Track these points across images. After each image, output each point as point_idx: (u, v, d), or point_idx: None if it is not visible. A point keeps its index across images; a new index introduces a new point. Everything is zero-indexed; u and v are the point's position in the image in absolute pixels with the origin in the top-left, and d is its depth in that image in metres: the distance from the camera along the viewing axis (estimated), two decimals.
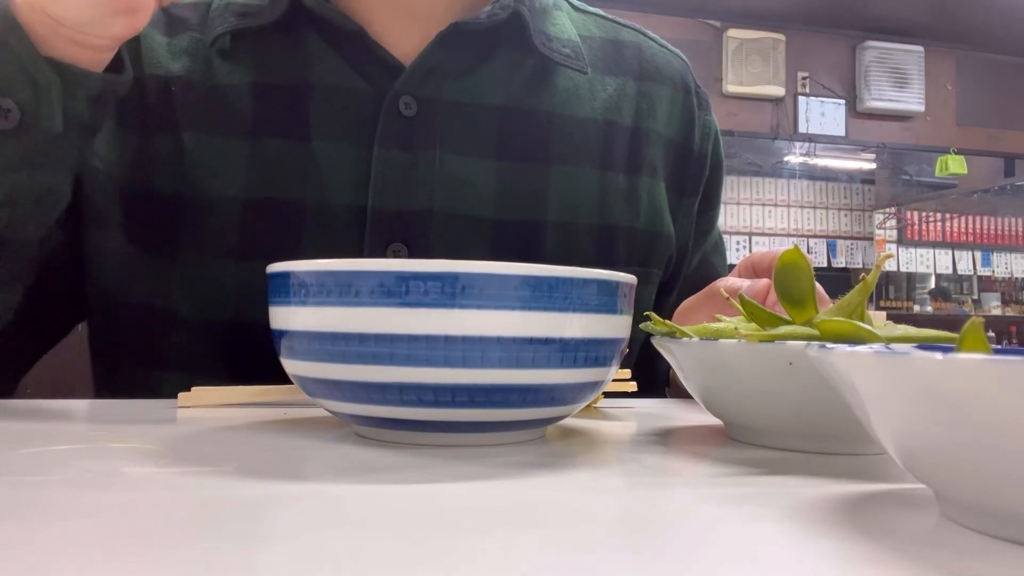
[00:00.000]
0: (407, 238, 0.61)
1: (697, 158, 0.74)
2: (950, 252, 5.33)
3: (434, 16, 0.64)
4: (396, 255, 0.60)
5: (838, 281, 4.65)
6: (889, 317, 0.53)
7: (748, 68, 4.31)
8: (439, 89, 0.63)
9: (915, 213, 5.33)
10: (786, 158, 4.96)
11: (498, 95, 0.65)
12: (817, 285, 0.41)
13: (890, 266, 5.15)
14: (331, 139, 0.61)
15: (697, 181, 0.74)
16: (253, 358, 0.51)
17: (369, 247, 0.60)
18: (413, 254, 0.61)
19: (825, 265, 5.19)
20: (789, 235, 5.16)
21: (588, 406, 0.53)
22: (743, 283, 0.52)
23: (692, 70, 0.76)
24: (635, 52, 0.72)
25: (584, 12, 0.74)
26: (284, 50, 0.63)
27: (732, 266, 0.64)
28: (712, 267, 0.77)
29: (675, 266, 0.73)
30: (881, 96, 4.50)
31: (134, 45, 0.63)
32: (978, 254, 5.35)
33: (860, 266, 5.22)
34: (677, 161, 0.72)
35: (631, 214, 0.68)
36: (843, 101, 4.52)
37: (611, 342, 0.38)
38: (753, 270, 0.57)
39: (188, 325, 0.61)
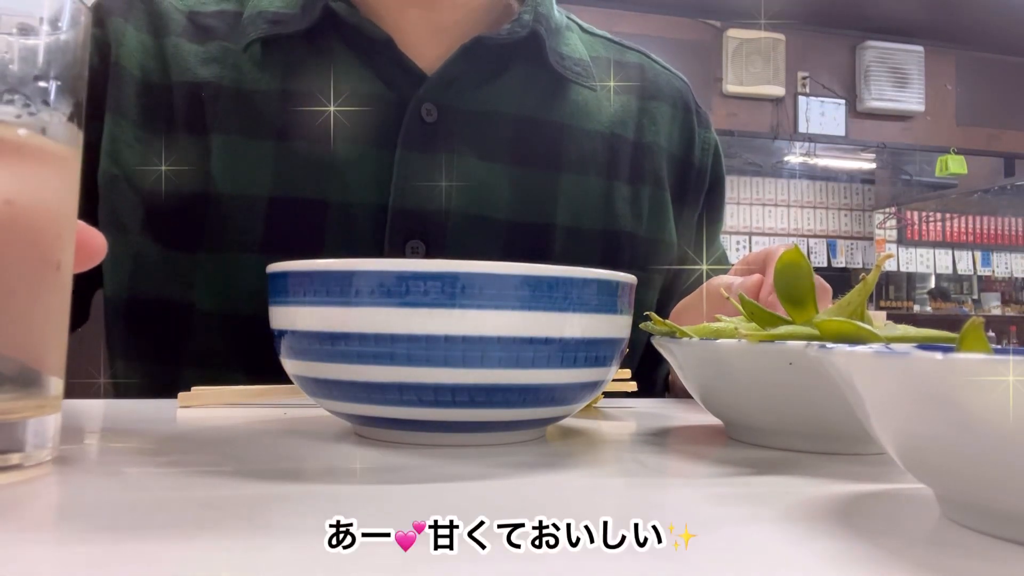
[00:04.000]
0: (425, 235, 0.64)
1: (698, 172, 0.77)
2: (950, 252, 5.32)
3: (457, 30, 0.68)
4: (415, 252, 0.64)
5: (838, 281, 4.60)
6: (889, 317, 0.53)
7: (748, 68, 4.31)
8: (459, 98, 0.66)
9: (915, 213, 5.33)
10: (786, 158, 4.95)
11: (514, 105, 0.68)
12: (818, 278, 0.42)
13: (890, 266, 5.14)
14: (354, 142, 0.64)
15: (698, 193, 0.78)
16: (271, 352, 0.52)
17: (389, 243, 0.63)
18: (430, 251, 0.64)
19: (825, 265, 5.19)
20: (789, 235, 5.15)
21: (588, 406, 0.53)
22: (736, 280, 0.53)
23: (693, 91, 0.81)
24: (638, 72, 0.77)
25: (592, 35, 0.78)
26: (312, 58, 0.66)
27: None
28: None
29: (676, 273, 0.77)
30: (881, 96, 4.50)
31: (159, 55, 0.66)
32: (978, 254, 5.35)
33: (860, 266, 5.22)
34: (679, 174, 0.76)
35: (634, 221, 0.71)
36: (843, 101, 4.52)
37: (611, 342, 0.38)
38: (748, 268, 0.57)
39: (208, 319, 0.63)
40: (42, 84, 0.30)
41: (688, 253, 0.77)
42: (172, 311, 0.64)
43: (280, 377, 0.51)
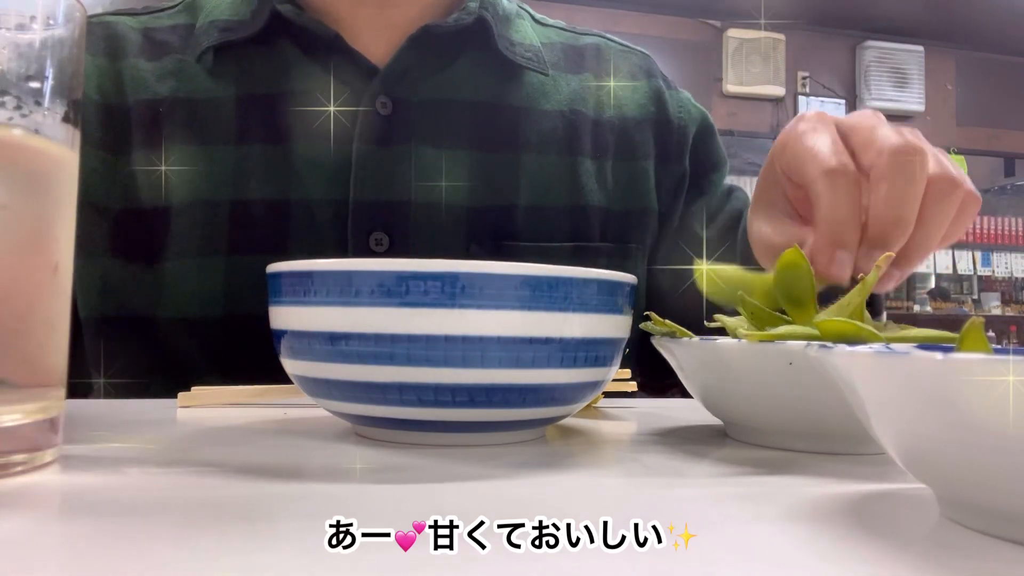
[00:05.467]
0: (388, 227, 0.64)
1: (677, 128, 0.76)
2: (950, 252, 5.31)
3: (407, 24, 0.68)
4: (379, 244, 0.64)
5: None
6: (889, 317, 0.53)
7: (748, 68, 4.31)
8: (412, 88, 0.67)
9: None
10: None
11: (468, 92, 0.68)
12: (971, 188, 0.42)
13: None
14: (312, 140, 0.65)
15: (680, 148, 0.76)
16: (246, 353, 0.52)
17: (352, 237, 0.63)
18: (394, 242, 0.64)
19: None
20: None
21: (588, 406, 0.53)
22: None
23: (658, 64, 0.80)
24: (594, 52, 0.77)
25: (545, 25, 0.78)
26: (265, 62, 0.66)
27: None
28: (737, 200, 0.77)
29: (660, 230, 0.75)
30: (881, 96, 4.50)
31: (116, 77, 0.67)
32: (978, 254, 5.34)
33: None
34: (658, 135, 0.75)
35: (601, 194, 0.71)
36: (843, 101, 4.52)
37: (611, 342, 0.38)
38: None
39: (177, 326, 0.63)
40: (34, 84, 0.30)
41: (670, 211, 0.75)
42: (142, 324, 0.64)
43: (255, 377, 0.51)
